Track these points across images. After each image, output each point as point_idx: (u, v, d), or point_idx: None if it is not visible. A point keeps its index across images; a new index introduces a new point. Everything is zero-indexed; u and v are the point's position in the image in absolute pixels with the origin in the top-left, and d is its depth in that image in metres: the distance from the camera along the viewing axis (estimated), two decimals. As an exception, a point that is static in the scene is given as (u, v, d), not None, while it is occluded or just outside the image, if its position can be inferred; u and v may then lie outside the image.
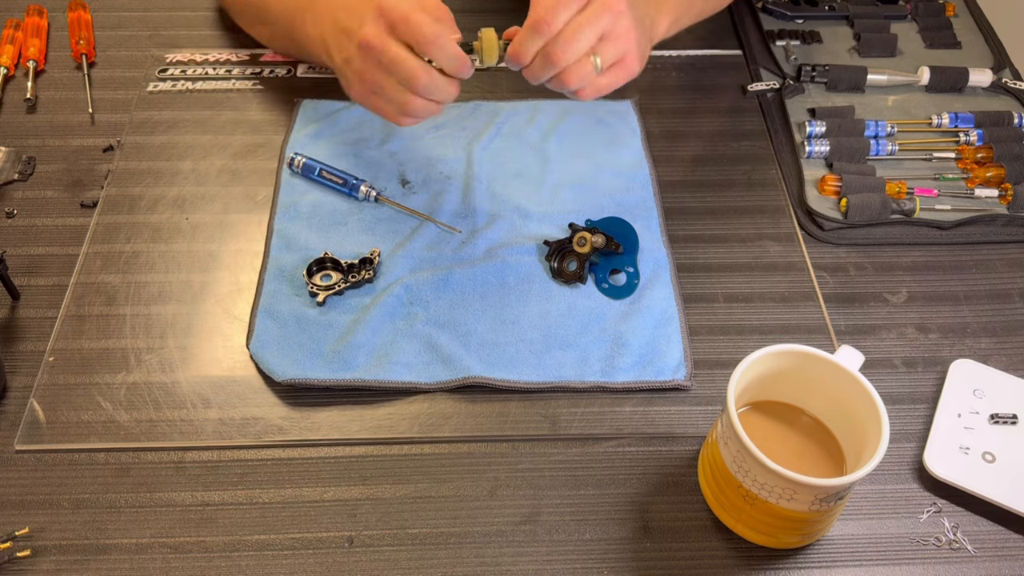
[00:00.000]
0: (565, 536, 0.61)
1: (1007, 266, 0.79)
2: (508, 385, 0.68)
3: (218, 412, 0.67)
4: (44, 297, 0.74)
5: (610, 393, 0.69)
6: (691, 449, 0.66)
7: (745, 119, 0.91)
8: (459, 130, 0.87)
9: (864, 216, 0.79)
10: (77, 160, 0.85)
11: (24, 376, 0.69)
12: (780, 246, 0.79)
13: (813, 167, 0.85)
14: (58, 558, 0.60)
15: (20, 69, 0.93)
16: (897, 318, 0.75)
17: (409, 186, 0.82)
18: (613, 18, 0.65)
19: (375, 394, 0.68)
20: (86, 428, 0.66)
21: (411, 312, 0.72)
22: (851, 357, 0.60)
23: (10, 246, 0.77)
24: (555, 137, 0.86)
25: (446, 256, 0.76)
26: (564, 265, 0.75)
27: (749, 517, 0.59)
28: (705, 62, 0.97)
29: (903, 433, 0.67)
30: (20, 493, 0.63)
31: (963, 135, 0.87)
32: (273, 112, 0.89)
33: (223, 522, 0.62)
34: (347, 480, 0.64)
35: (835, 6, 1.01)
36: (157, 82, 0.92)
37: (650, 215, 0.80)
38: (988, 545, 0.62)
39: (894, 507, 0.63)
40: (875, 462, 0.53)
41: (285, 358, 0.68)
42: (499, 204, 0.80)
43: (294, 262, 0.75)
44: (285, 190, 0.81)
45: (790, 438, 0.62)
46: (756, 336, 0.73)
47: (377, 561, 0.60)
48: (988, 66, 0.95)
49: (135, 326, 0.72)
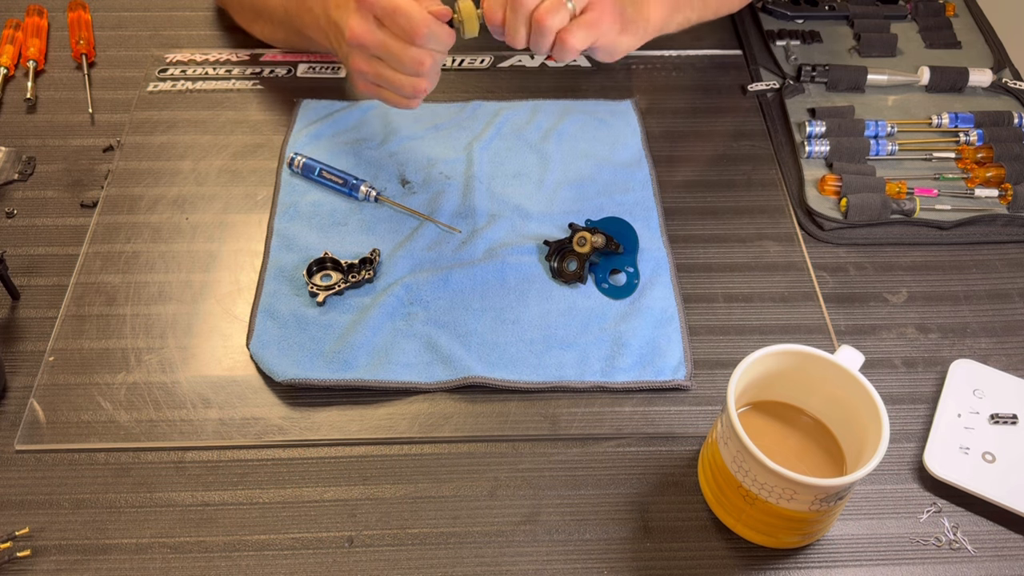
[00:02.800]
0: (565, 536, 0.61)
1: (1007, 266, 0.79)
2: (508, 385, 0.68)
3: (218, 412, 0.67)
4: (44, 297, 0.74)
5: (610, 393, 0.69)
6: (691, 449, 0.66)
7: (745, 119, 0.91)
8: (459, 130, 0.87)
9: (864, 216, 0.79)
10: (77, 160, 0.85)
11: (24, 376, 0.69)
12: (780, 246, 0.79)
13: (813, 167, 0.85)
14: (58, 558, 0.60)
15: (20, 69, 0.93)
16: (897, 318, 0.75)
17: (409, 186, 0.82)
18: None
19: (375, 394, 0.68)
20: (86, 428, 0.66)
21: (411, 312, 0.72)
22: (851, 357, 0.60)
23: (10, 246, 0.77)
24: (555, 137, 0.86)
25: (446, 256, 0.76)
26: (564, 265, 0.75)
27: (749, 517, 0.59)
28: (705, 62, 0.97)
29: (903, 433, 0.67)
30: (20, 493, 0.63)
31: (963, 135, 0.87)
32: (273, 112, 0.89)
33: (223, 522, 0.61)
34: (347, 480, 0.64)
35: (835, 6, 1.01)
36: (157, 82, 0.92)
37: (650, 215, 0.80)
38: (988, 545, 0.62)
39: (894, 507, 0.63)
40: (875, 462, 0.53)
41: (285, 358, 0.68)
42: (499, 204, 0.80)
43: (294, 262, 0.75)
44: (285, 190, 0.81)
45: (790, 438, 0.62)
46: (756, 336, 0.73)
47: (377, 561, 0.60)
48: (988, 66, 0.94)
49: (135, 326, 0.72)
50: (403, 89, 0.71)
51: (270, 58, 0.95)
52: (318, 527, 0.61)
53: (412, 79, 0.70)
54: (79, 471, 0.64)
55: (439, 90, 0.90)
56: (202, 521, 0.62)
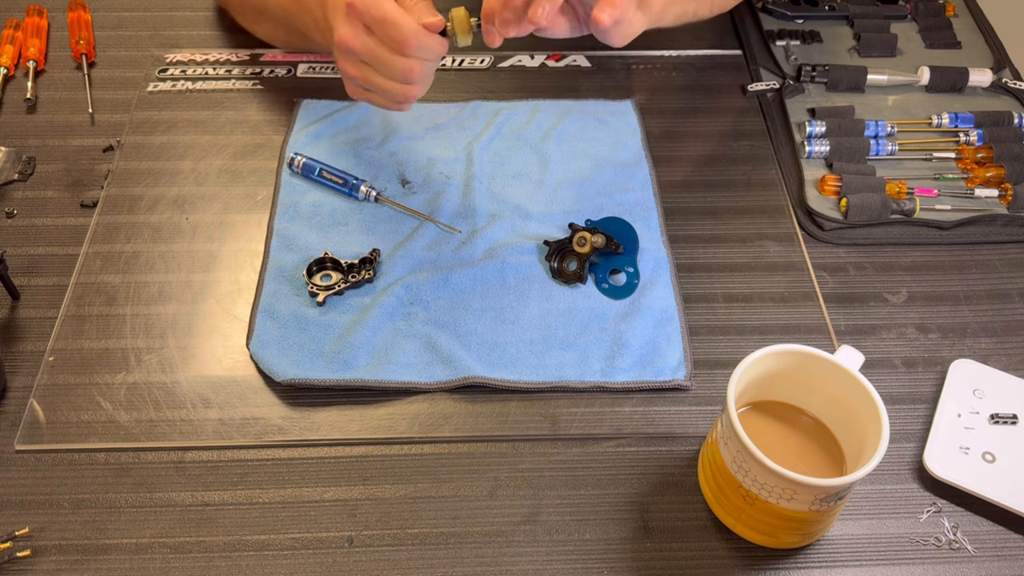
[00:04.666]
0: (565, 536, 0.61)
1: (1007, 266, 0.79)
2: (508, 385, 0.68)
3: (218, 412, 0.67)
4: (44, 297, 0.74)
5: (610, 393, 0.69)
6: (691, 449, 0.66)
7: (745, 119, 0.91)
8: (459, 130, 0.87)
9: (864, 216, 0.79)
10: (77, 160, 0.85)
11: (24, 376, 0.69)
12: (780, 246, 0.79)
13: (813, 167, 0.85)
14: (58, 558, 0.60)
15: (20, 69, 0.93)
16: (897, 318, 0.75)
17: (409, 186, 0.82)
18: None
19: (375, 394, 0.68)
20: (86, 428, 0.66)
21: (411, 312, 0.72)
22: (851, 357, 0.60)
23: (10, 246, 0.77)
24: (555, 137, 0.86)
25: (446, 256, 0.76)
26: (564, 265, 0.75)
27: (749, 517, 0.59)
28: (705, 62, 0.97)
29: (903, 433, 0.67)
30: (20, 493, 0.63)
31: (963, 135, 0.87)
32: (273, 112, 0.89)
33: (223, 522, 0.61)
34: (347, 480, 0.64)
35: (835, 6, 1.01)
36: (157, 82, 0.92)
37: (650, 215, 0.80)
38: (988, 545, 0.62)
39: (894, 507, 0.63)
40: (875, 462, 0.53)
41: (285, 358, 0.68)
42: (499, 204, 0.80)
43: (294, 262, 0.75)
44: (285, 190, 0.81)
45: (790, 438, 0.62)
46: (756, 336, 0.73)
47: (377, 561, 0.60)
48: (988, 66, 0.94)
49: (135, 326, 0.72)
50: (393, 95, 0.70)
51: (270, 58, 0.95)
52: (318, 527, 0.61)
53: (402, 86, 0.69)
54: (79, 471, 0.64)
55: (439, 90, 0.91)
56: (202, 521, 0.62)
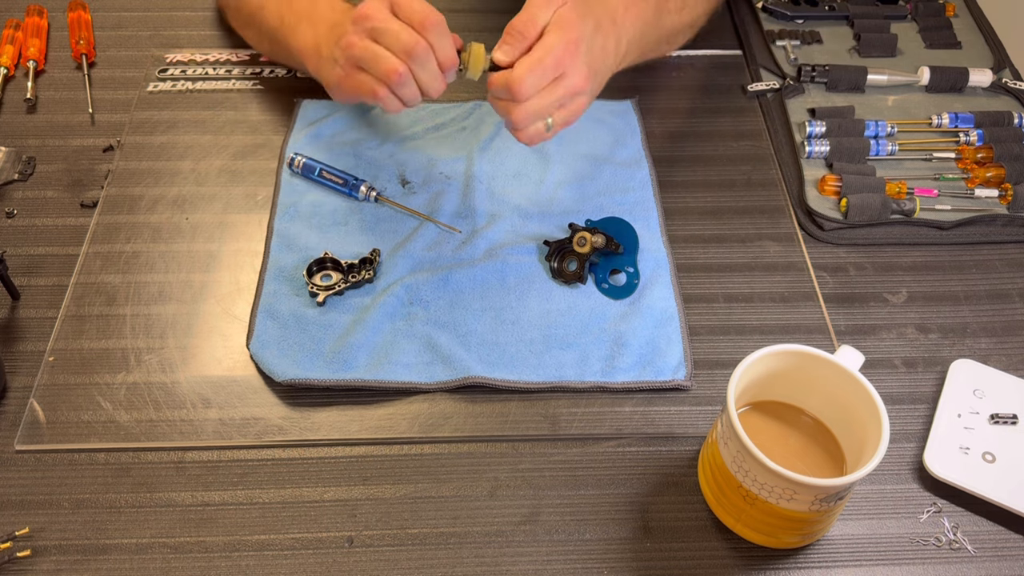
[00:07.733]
0: (565, 536, 0.61)
1: (1007, 266, 0.79)
2: (508, 385, 0.68)
3: (218, 412, 0.67)
4: (44, 297, 0.74)
5: (610, 393, 0.69)
6: (691, 449, 0.66)
7: (745, 119, 0.91)
8: (459, 130, 0.87)
9: (864, 216, 0.79)
10: (77, 160, 0.85)
11: (24, 376, 0.69)
12: (780, 246, 0.79)
13: (813, 167, 0.85)
14: (58, 558, 0.60)
15: (20, 69, 0.93)
16: (897, 318, 0.75)
17: (409, 186, 0.82)
18: (573, 96, 0.70)
19: (375, 394, 0.68)
20: (86, 428, 0.66)
21: (411, 312, 0.72)
22: (851, 357, 0.60)
23: (10, 246, 0.77)
24: (555, 137, 0.86)
25: (446, 256, 0.76)
26: (564, 265, 0.75)
27: (749, 517, 0.59)
28: (705, 62, 0.97)
29: (903, 433, 0.67)
30: (20, 493, 0.63)
31: (963, 135, 0.87)
32: (273, 112, 0.89)
33: (223, 522, 0.62)
34: (347, 480, 0.64)
35: (835, 6, 1.01)
36: (157, 82, 0.92)
37: (650, 215, 0.80)
38: (988, 545, 0.62)
39: (894, 507, 0.63)
40: (875, 462, 0.53)
41: (285, 358, 0.68)
42: (499, 204, 0.80)
43: (294, 262, 0.75)
44: (285, 190, 0.81)
45: (790, 438, 0.62)
46: (756, 336, 0.73)
47: (377, 561, 0.60)
48: (988, 66, 0.94)
49: (135, 326, 0.72)
50: (378, 64, 0.68)
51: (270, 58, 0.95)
52: (318, 527, 0.61)
53: (391, 60, 0.67)
54: (79, 471, 0.64)
55: (439, 90, 0.91)
56: (202, 521, 0.62)
